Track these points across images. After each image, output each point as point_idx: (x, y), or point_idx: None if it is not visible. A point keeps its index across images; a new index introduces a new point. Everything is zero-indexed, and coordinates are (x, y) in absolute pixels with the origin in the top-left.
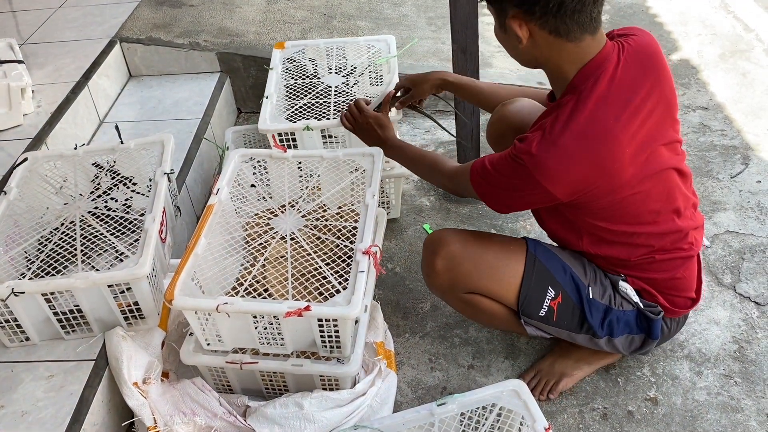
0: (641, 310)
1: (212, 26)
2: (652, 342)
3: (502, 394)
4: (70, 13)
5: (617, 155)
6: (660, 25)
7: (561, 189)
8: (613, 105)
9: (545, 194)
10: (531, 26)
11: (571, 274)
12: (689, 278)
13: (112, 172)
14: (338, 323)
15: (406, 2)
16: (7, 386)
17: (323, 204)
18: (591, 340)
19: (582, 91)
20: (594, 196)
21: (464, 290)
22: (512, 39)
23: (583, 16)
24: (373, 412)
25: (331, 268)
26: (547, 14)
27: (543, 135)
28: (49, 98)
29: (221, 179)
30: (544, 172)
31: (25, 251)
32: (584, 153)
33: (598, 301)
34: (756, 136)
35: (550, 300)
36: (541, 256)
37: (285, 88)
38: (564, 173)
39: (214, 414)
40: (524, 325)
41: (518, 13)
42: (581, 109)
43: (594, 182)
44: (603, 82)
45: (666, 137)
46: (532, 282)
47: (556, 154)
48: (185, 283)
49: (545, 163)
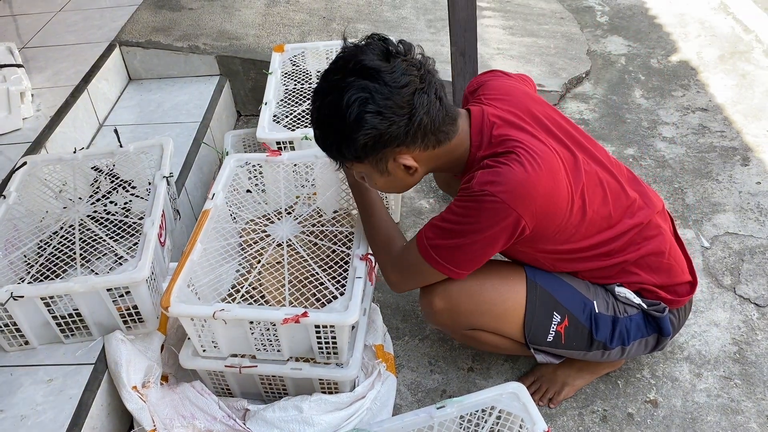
0: (646, 310)
1: (211, 29)
2: (666, 338)
3: (501, 397)
4: (69, 17)
5: (558, 166)
6: (659, 27)
7: (528, 209)
8: (521, 127)
9: (513, 222)
10: (416, 154)
11: (575, 293)
12: (676, 261)
13: (112, 175)
14: (335, 329)
15: (406, 5)
16: (7, 390)
17: (319, 209)
18: (603, 354)
19: (488, 138)
20: (552, 215)
21: (466, 327)
22: (403, 174)
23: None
24: (372, 415)
25: (328, 274)
26: (426, 135)
27: (489, 168)
28: (49, 102)
29: (216, 184)
30: (513, 194)
31: (24, 255)
32: (536, 167)
33: (604, 314)
34: (755, 137)
35: (556, 325)
36: (542, 281)
37: (284, 94)
38: (532, 190)
39: (213, 417)
40: (534, 354)
41: (401, 150)
42: (507, 139)
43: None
44: (498, 120)
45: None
46: (536, 311)
47: (515, 173)
48: (181, 289)
49: (511, 184)
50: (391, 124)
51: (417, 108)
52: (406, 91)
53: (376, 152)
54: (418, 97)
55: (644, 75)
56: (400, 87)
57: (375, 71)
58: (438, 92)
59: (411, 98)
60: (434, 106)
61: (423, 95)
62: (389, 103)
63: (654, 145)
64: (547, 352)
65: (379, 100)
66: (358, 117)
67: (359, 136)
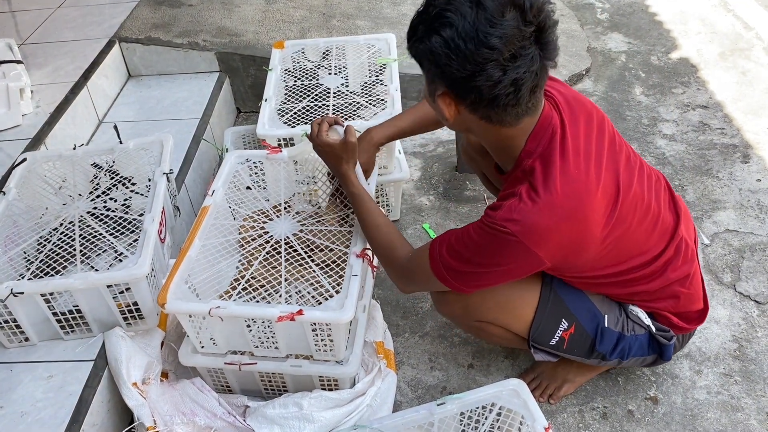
0: (653, 334)
1: (211, 26)
2: (663, 362)
3: (501, 394)
4: (68, 13)
5: (597, 205)
6: (659, 24)
7: (551, 251)
8: (576, 159)
9: (532, 262)
10: (461, 108)
11: (589, 304)
12: (696, 293)
13: (111, 172)
14: (331, 327)
15: (406, 1)
16: (7, 387)
17: (318, 206)
18: (601, 362)
19: (541, 153)
20: (582, 252)
21: (476, 319)
22: (438, 113)
23: (519, 108)
24: (372, 412)
25: (325, 272)
26: (478, 104)
27: (518, 201)
28: (48, 98)
29: (216, 181)
30: (532, 236)
31: (24, 251)
32: (570, 211)
33: (611, 329)
34: (756, 134)
35: (562, 331)
36: (558, 286)
37: (284, 90)
38: (554, 234)
39: (213, 414)
40: (533, 352)
41: (448, 92)
42: (551, 168)
43: (581, 238)
44: (557, 140)
45: (619, 163)
46: (545, 314)
47: (541, 216)
48: (178, 286)
49: (533, 226)
50: (449, 66)
51: (484, 76)
52: (486, 54)
53: (429, 70)
54: (494, 69)
55: (644, 72)
56: (485, 45)
57: (483, 9)
58: (527, 83)
59: (485, 64)
60: (506, 89)
61: (499, 71)
62: (462, 47)
63: (654, 142)
64: (546, 352)
65: (457, 37)
66: (431, 29)
67: (423, 44)
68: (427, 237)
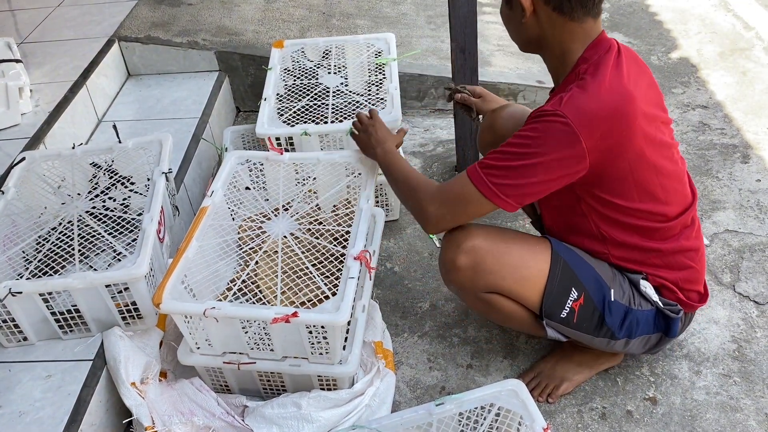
0: (660, 308)
1: (211, 25)
2: (669, 340)
3: (500, 394)
4: (68, 12)
5: (638, 113)
6: (659, 24)
7: (593, 143)
8: (626, 76)
9: (575, 154)
10: (537, 3)
11: (595, 274)
12: (700, 271)
13: (110, 171)
14: (326, 330)
15: (405, 1)
16: (5, 386)
17: (317, 207)
18: (608, 344)
19: (596, 60)
20: (617, 157)
21: (485, 289)
22: (516, 13)
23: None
24: (371, 412)
25: (322, 274)
26: None
27: (567, 94)
28: (47, 97)
29: (216, 181)
30: (581, 119)
31: (22, 251)
32: (613, 103)
33: (618, 302)
34: (756, 134)
35: (572, 301)
36: (566, 255)
37: (284, 89)
38: (599, 121)
39: (212, 414)
40: (546, 327)
41: None
42: (602, 70)
43: (620, 137)
44: (612, 55)
45: (663, 118)
46: (556, 282)
47: (588, 101)
48: (174, 286)
49: (581, 108)
50: None
51: None
52: None
53: None
54: None
55: None
56: None
57: None
58: None
59: None
60: None
61: None
62: None
63: None
64: (556, 329)
65: None
66: None
67: None
68: (427, 237)
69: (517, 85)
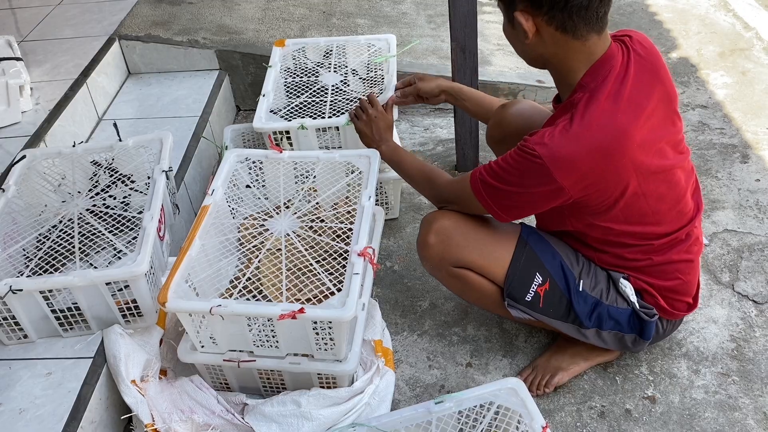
0: (636, 310)
1: (211, 24)
2: (644, 342)
3: (500, 393)
4: (68, 11)
5: (627, 149)
6: (659, 24)
7: (572, 182)
8: (623, 103)
9: (555, 190)
10: (538, 21)
11: (560, 262)
12: (691, 283)
13: (111, 169)
14: (333, 325)
15: (406, 0)
16: (5, 384)
17: (319, 205)
18: (579, 331)
19: (593, 88)
20: (602, 192)
21: (454, 263)
22: (519, 34)
23: (590, 14)
24: (371, 410)
25: (326, 270)
26: (554, 9)
27: (554, 129)
28: (48, 96)
29: (216, 180)
30: (556, 162)
31: (23, 249)
32: (595, 144)
33: (587, 292)
34: (755, 134)
35: (537, 286)
36: (533, 241)
37: (283, 86)
38: (577, 163)
39: (212, 412)
40: (509, 309)
41: (526, 6)
42: (594, 104)
43: (603, 176)
44: (611, 80)
45: (669, 135)
46: (520, 264)
47: (568, 143)
48: (179, 285)
49: (558, 152)
50: None
51: None
52: None
53: None
54: None
55: None
56: None
57: None
58: None
59: None
60: None
61: None
62: None
63: None
64: (523, 312)
65: None
66: None
67: None
68: None
69: (517, 84)
